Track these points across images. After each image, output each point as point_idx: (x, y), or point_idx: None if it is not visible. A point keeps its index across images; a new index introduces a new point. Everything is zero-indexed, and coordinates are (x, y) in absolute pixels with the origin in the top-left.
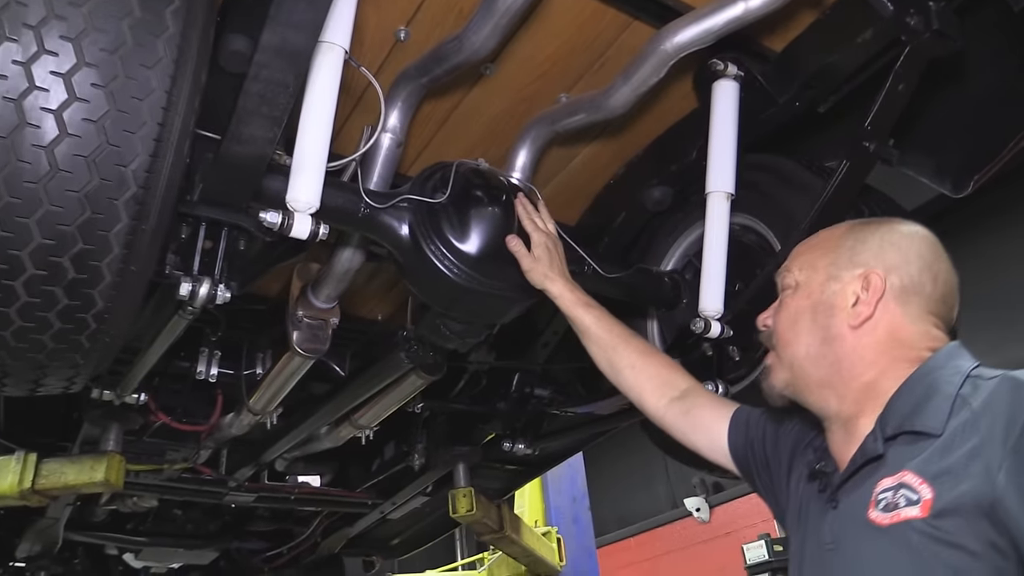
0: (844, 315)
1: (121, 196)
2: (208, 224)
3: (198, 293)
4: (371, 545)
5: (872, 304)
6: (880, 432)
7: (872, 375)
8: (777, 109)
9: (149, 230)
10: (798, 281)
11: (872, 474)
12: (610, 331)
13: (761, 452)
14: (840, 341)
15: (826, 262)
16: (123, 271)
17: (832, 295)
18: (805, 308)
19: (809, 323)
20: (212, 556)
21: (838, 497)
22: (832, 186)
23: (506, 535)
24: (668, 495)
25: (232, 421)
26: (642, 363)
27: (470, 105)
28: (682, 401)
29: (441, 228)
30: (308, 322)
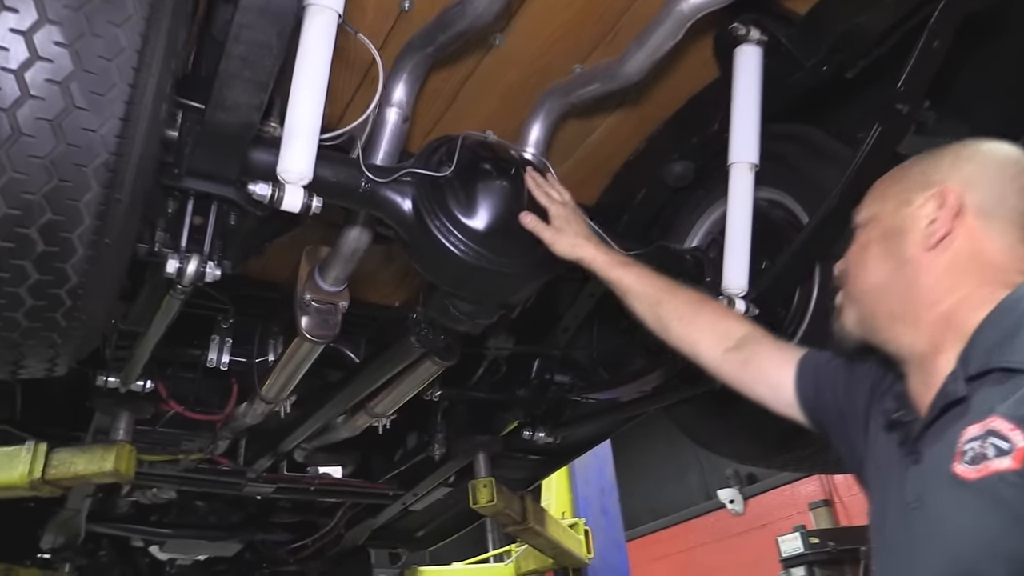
0: (917, 237)
1: (90, 163)
2: (196, 198)
3: (186, 271)
4: (396, 537)
5: (949, 221)
6: (962, 370)
7: (950, 303)
8: (803, 74)
9: (124, 200)
10: (869, 215)
11: (956, 421)
12: (653, 285)
13: (833, 401)
14: (912, 266)
15: (896, 189)
16: (97, 244)
17: (903, 219)
18: (876, 237)
19: (879, 251)
20: (236, 548)
21: (919, 449)
22: (863, 152)
23: (529, 526)
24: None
25: (246, 410)
26: (692, 313)
27: (481, 79)
28: (739, 351)
29: (446, 203)
30: (316, 306)
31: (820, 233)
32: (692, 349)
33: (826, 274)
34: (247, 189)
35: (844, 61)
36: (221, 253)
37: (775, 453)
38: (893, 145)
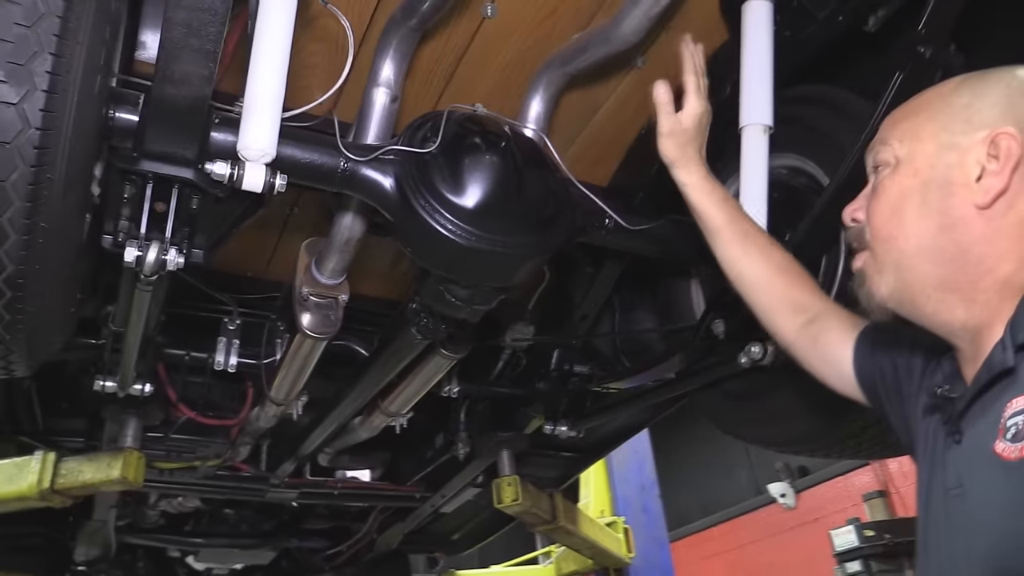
0: (967, 192)
1: (12, 139)
2: (156, 182)
3: (146, 259)
4: (432, 541)
5: (1007, 174)
6: (1011, 339)
7: (1010, 268)
8: (817, 27)
9: (58, 180)
10: (898, 156)
11: (1001, 395)
12: (745, 236)
13: (892, 377)
14: (964, 226)
15: (935, 127)
16: (31, 228)
17: (948, 168)
18: (912, 189)
19: (919, 208)
20: (270, 556)
21: (962, 428)
22: (884, 103)
23: (560, 525)
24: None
25: (258, 413)
26: (777, 280)
27: (476, 55)
28: (811, 325)
29: (432, 180)
30: (316, 301)
31: (843, 195)
32: (769, 317)
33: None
34: (205, 169)
35: (860, 9)
36: (189, 241)
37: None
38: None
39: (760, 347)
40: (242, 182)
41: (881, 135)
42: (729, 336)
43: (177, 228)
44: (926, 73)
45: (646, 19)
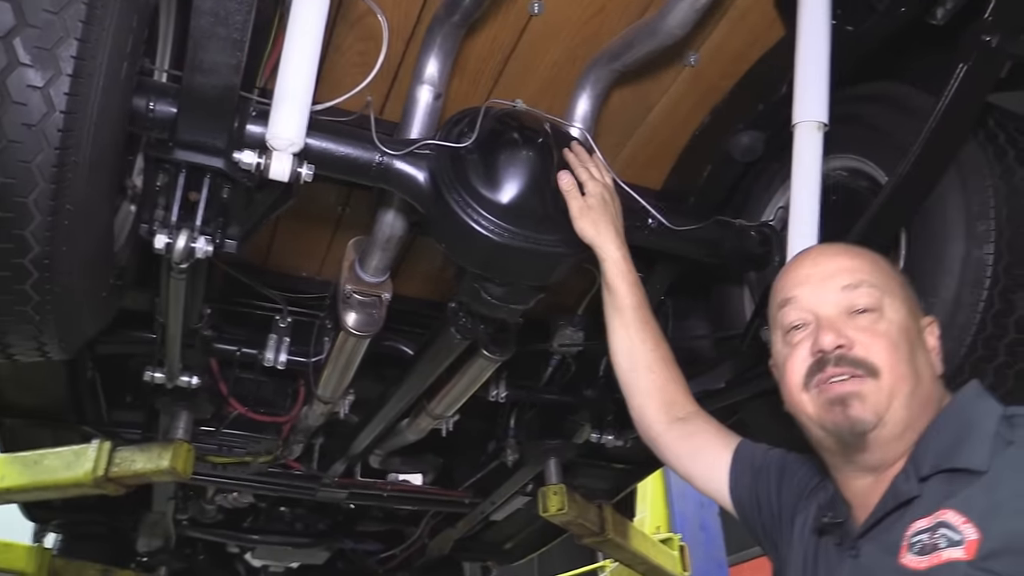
0: (929, 360)
1: (39, 121)
2: (188, 171)
3: (175, 246)
4: (484, 549)
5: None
6: (914, 472)
7: (927, 415)
8: (878, 18)
9: (84, 162)
10: (883, 306)
11: (900, 518)
12: (646, 323)
13: (766, 495)
14: (930, 384)
15: (904, 293)
16: (56, 209)
17: (919, 335)
18: (905, 340)
19: (910, 358)
20: (324, 556)
21: (859, 546)
22: (947, 97)
23: (609, 538)
24: None
25: (307, 411)
26: (662, 370)
27: (524, 53)
28: (685, 424)
29: (467, 176)
30: (359, 299)
31: (902, 195)
32: (643, 403)
33: (914, 244)
34: (233, 158)
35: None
36: (222, 231)
37: None
38: (984, 88)
39: None
40: (269, 171)
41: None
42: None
43: (209, 217)
44: (993, 62)
45: (693, 11)
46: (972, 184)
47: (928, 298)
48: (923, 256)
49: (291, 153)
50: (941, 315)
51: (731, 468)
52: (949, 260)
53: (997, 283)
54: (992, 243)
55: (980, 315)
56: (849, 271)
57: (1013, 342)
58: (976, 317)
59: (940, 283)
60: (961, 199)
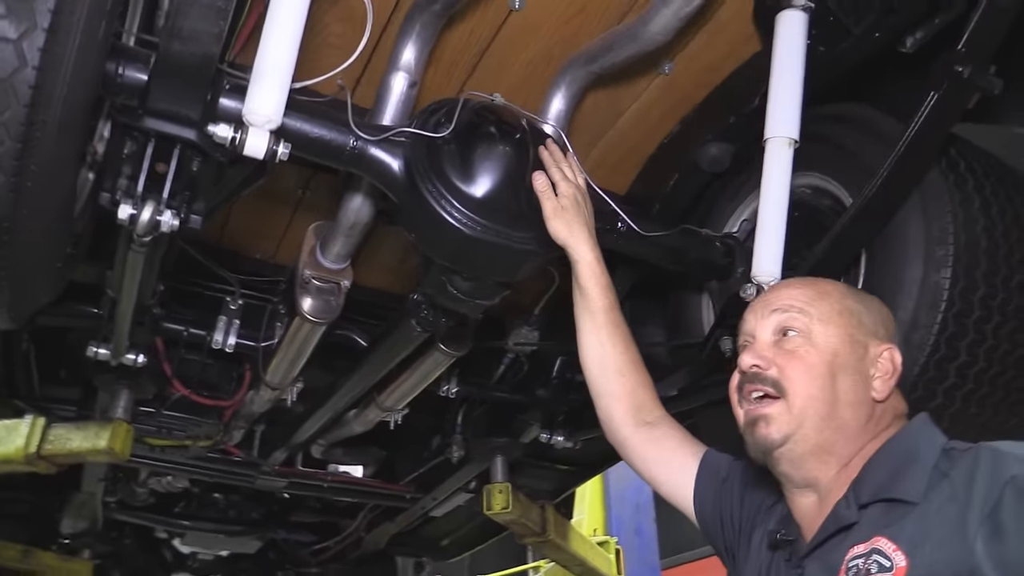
0: (868, 385)
1: (8, 76)
2: (157, 141)
3: (139, 218)
4: (420, 545)
5: (893, 381)
6: (854, 499)
7: (864, 443)
8: (852, 42)
9: (53, 122)
10: (812, 331)
11: (842, 541)
12: (617, 327)
13: (728, 507)
14: (857, 408)
15: (843, 321)
16: (21, 170)
17: (858, 360)
18: (826, 364)
19: (832, 382)
20: (256, 545)
21: (804, 565)
22: (917, 123)
23: (549, 539)
24: None
25: (252, 396)
26: (631, 374)
27: (501, 47)
28: (653, 428)
29: (442, 166)
30: (317, 284)
31: (866, 217)
32: (611, 405)
33: (873, 266)
34: (208, 131)
35: (899, 27)
36: (188, 205)
37: None
38: (952, 116)
39: None
40: (244, 147)
41: (796, 305)
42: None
43: (176, 190)
44: (963, 93)
45: (676, 19)
46: (933, 209)
47: None
48: (882, 277)
49: (268, 130)
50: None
51: (697, 477)
52: (908, 282)
53: (952, 306)
54: (950, 267)
55: (935, 337)
56: (787, 298)
57: (963, 364)
58: (931, 338)
59: (898, 304)
60: (922, 223)
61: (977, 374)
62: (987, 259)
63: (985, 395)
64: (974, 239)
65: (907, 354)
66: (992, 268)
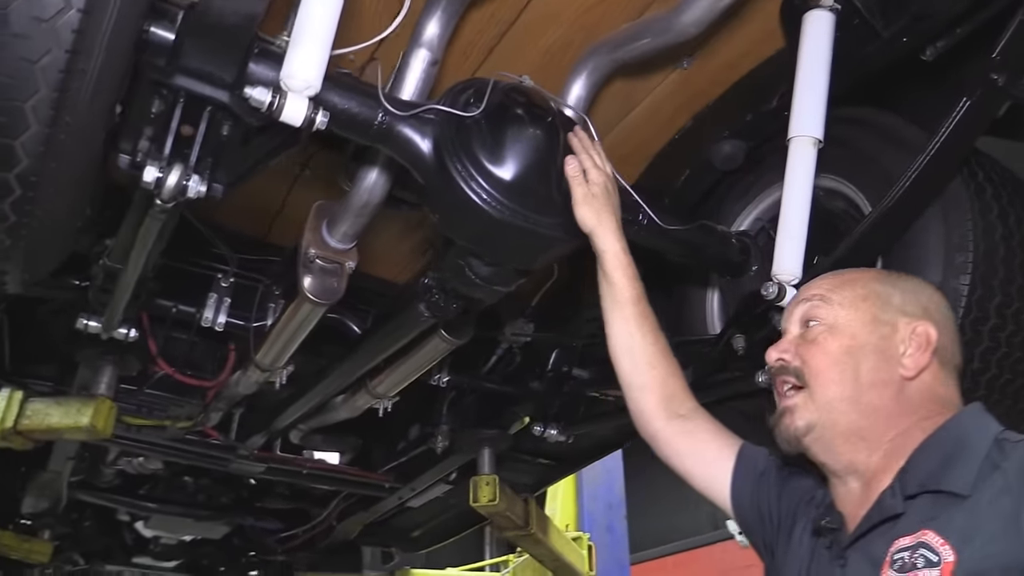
0: (895, 364)
1: (51, 17)
2: (187, 102)
3: (166, 182)
4: (390, 535)
5: (926, 356)
6: (900, 489)
7: (905, 427)
8: (880, 45)
9: (92, 72)
10: (836, 318)
11: (887, 532)
12: (646, 317)
13: (767, 501)
14: (884, 389)
15: (869, 304)
16: (55, 121)
17: (882, 339)
18: (849, 349)
19: (852, 365)
20: (224, 531)
21: (847, 555)
22: (948, 128)
23: (532, 533)
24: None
25: (240, 378)
26: (661, 364)
27: (521, 32)
28: (686, 420)
29: (472, 147)
30: (321, 264)
31: (888, 221)
32: (642, 396)
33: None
34: (244, 93)
35: (928, 32)
36: (211, 171)
37: None
38: (984, 122)
39: None
40: (281, 112)
41: (815, 293)
42: (748, 353)
43: (202, 156)
44: (996, 101)
45: (709, 12)
46: (953, 217)
47: None
48: None
49: (307, 96)
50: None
51: (734, 471)
52: None
53: (969, 313)
54: (969, 275)
55: None
56: (814, 288)
57: (976, 371)
58: None
59: None
60: (943, 229)
61: (989, 381)
62: (1004, 268)
63: (995, 402)
64: (993, 247)
65: None
66: (1008, 277)
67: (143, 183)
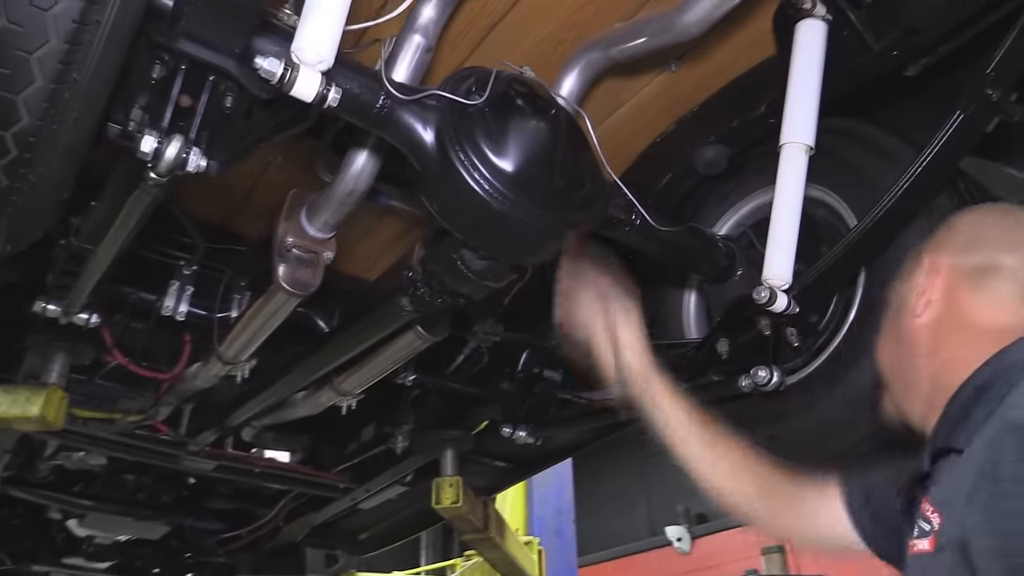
0: (911, 309)
1: None
2: (189, 69)
3: (164, 152)
4: (336, 537)
5: (933, 287)
6: (931, 445)
7: (934, 367)
8: (870, 58)
9: (106, 27)
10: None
11: (920, 495)
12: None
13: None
14: (908, 336)
15: (902, 271)
16: (62, 77)
17: (903, 295)
18: (888, 319)
19: (890, 332)
20: (163, 531)
21: (903, 525)
22: (940, 141)
23: (490, 537)
24: (648, 521)
25: (198, 371)
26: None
27: (512, 24)
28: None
29: (474, 136)
30: (298, 254)
31: (874, 235)
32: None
33: (871, 284)
34: (254, 63)
35: (918, 47)
36: (207, 146)
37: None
38: (973, 139)
39: (767, 371)
40: (293, 86)
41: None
42: (732, 357)
43: (201, 128)
44: (987, 116)
45: (713, 12)
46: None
47: None
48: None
49: (319, 71)
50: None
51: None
52: None
53: None
54: None
55: None
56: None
57: None
58: None
59: None
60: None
61: None
62: None
63: None
64: None
65: None
66: None
67: (140, 153)
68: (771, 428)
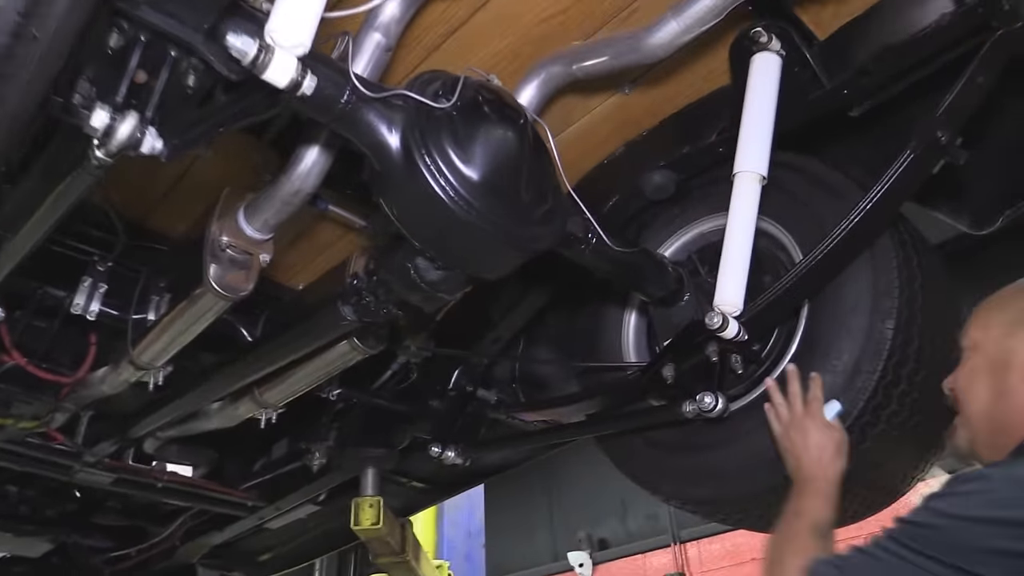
0: (1018, 371)
1: None
2: (149, 41)
3: (116, 130)
4: (234, 558)
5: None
6: None
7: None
8: (822, 95)
9: None
10: (975, 340)
11: None
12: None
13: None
14: (1011, 397)
15: (1000, 319)
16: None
17: (1007, 351)
18: (981, 366)
19: (985, 380)
20: (45, 548)
21: None
22: (889, 179)
23: (406, 560)
24: (549, 546)
25: (106, 375)
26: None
27: (470, 33)
28: None
29: (441, 140)
30: (232, 254)
31: (822, 268)
32: None
33: (814, 317)
34: (225, 41)
35: (868, 88)
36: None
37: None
38: (921, 177)
39: (712, 398)
40: (266, 69)
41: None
42: (677, 382)
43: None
44: (935, 158)
45: (682, 35)
46: (881, 263)
47: (831, 360)
48: (826, 324)
49: (296, 56)
50: (841, 379)
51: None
52: (854, 329)
53: (892, 356)
54: (894, 319)
55: (875, 383)
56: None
57: (892, 413)
58: (872, 384)
59: (842, 349)
60: (871, 275)
61: (892, 416)
62: (922, 315)
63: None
64: (913, 295)
65: (849, 397)
66: (927, 323)
67: (88, 128)
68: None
